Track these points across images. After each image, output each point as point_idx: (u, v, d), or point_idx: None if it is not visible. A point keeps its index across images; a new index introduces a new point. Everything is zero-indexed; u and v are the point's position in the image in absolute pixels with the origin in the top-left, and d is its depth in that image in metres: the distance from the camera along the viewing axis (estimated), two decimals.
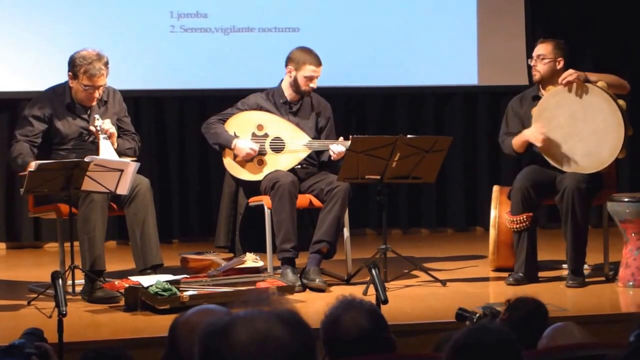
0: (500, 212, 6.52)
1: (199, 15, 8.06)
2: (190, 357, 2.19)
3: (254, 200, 6.35)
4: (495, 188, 6.71)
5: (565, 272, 6.34)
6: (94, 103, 6.09)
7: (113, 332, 5.24)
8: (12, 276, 6.76)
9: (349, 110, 8.41)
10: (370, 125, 8.40)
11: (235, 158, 6.38)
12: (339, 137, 6.41)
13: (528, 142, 6.29)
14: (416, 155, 6.13)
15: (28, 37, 7.79)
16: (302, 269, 6.18)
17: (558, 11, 8.56)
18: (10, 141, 6.23)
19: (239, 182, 6.43)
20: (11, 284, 6.49)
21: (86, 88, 6.00)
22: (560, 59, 6.37)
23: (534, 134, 6.23)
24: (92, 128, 6.04)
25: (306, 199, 6.33)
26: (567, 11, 8.58)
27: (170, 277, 5.61)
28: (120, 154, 6.02)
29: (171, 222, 8.17)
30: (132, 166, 5.76)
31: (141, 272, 5.86)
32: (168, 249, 7.13)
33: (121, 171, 5.70)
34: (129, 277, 5.67)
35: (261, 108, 6.47)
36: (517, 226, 6.20)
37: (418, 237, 8.46)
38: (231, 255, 6.45)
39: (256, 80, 7.52)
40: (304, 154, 6.41)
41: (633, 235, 6.09)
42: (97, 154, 5.88)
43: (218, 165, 6.72)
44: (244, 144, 6.33)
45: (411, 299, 5.84)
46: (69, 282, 5.78)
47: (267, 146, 6.39)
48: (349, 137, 6.15)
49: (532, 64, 6.41)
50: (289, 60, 6.43)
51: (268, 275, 5.95)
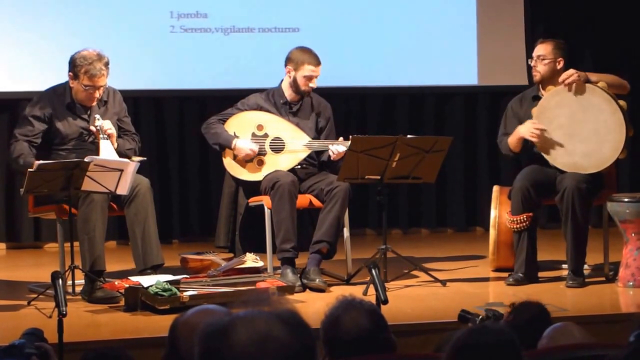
0: (500, 212, 6.51)
1: (199, 15, 8.06)
2: (190, 358, 2.18)
3: (254, 200, 6.35)
4: (495, 188, 6.71)
5: (565, 272, 6.34)
6: (94, 103, 6.10)
7: (113, 332, 5.23)
8: (12, 276, 6.76)
9: (349, 110, 8.41)
10: (370, 125, 8.39)
11: (235, 158, 6.38)
12: (339, 137, 6.41)
13: (524, 140, 6.28)
14: (416, 155, 6.13)
15: (28, 37, 7.79)
16: (302, 269, 6.17)
17: (558, 11, 8.56)
18: (9, 141, 6.22)
19: (239, 182, 6.43)
20: (11, 284, 6.48)
21: (87, 88, 6.00)
22: (560, 59, 6.37)
23: (528, 130, 6.22)
24: (93, 128, 6.04)
25: (306, 199, 6.33)
26: (567, 11, 8.57)
27: (170, 277, 5.60)
28: (120, 155, 6.02)
29: (171, 222, 8.17)
30: (132, 166, 5.76)
31: (141, 272, 5.85)
32: (168, 249, 7.12)
33: (121, 171, 5.69)
34: (129, 277, 5.67)
35: (261, 108, 6.47)
36: (517, 226, 6.20)
37: (418, 237, 8.46)
38: (231, 255, 6.45)
39: (256, 80, 7.52)
40: (304, 154, 6.41)
41: (633, 235, 6.09)
42: (97, 154, 5.88)
43: (218, 165, 6.72)
44: (244, 144, 6.33)
45: (411, 299, 5.84)
46: (69, 282, 5.78)
47: (267, 146, 6.38)
48: (349, 137, 6.15)
49: (532, 65, 6.41)
50: (288, 60, 6.43)
51: (268, 275, 5.95)
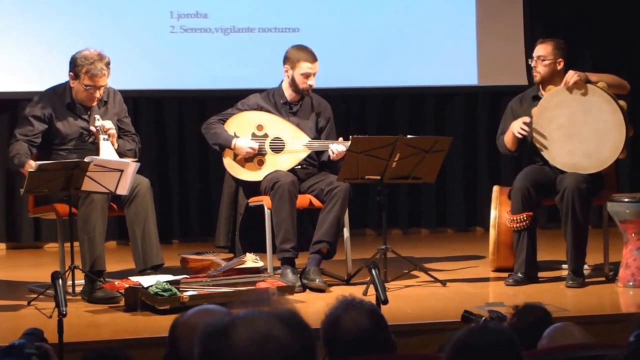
0: (500, 213, 6.51)
1: (199, 15, 8.06)
2: (190, 358, 2.18)
3: (254, 200, 6.35)
4: (495, 188, 6.71)
5: (565, 272, 6.34)
6: (95, 103, 6.10)
7: (113, 333, 5.23)
8: (12, 276, 6.76)
9: (349, 110, 8.41)
10: (370, 125, 8.39)
11: (235, 158, 6.38)
12: (339, 137, 6.41)
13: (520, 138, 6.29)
14: (416, 155, 6.13)
15: (28, 38, 7.78)
16: (302, 269, 6.17)
17: (557, 11, 8.56)
18: (10, 141, 6.22)
19: (239, 182, 6.43)
20: (11, 284, 6.48)
21: (87, 88, 6.00)
22: (560, 60, 6.36)
23: (516, 125, 6.22)
24: (93, 128, 6.04)
25: (306, 199, 6.33)
26: (566, 11, 8.57)
27: (170, 278, 5.60)
28: (120, 155, 6.02)
29: (171, 222, 8.17)
30: (132, 166, 5.75)
31: (141, 273, 5.85)
32: (168, 249, 7.13)
33: (121, 171, 5.69)
34: (129, 278, 5.67)
35: (261, 108, 6.47)
36: (517, 225, 6.20)
37: (418, 237, 8.46)
38: (231, 255, 6.45)
39: (256, 80, 7.52)
40: (304, 154, 6.41)
41: (633, 235, 6.09)
42: (98, 155, 5.87)
43: (218, 165, 6.72)
44: (243, 143, 6.33)
45: (411, 299, 5.84)
46: (69, 283, 5.77)
47: (267, 146, 6.38)
48: (349, 137, 6.14)
49: (533, 65, 6.40)
50: (285, 60, 6.43)
51: (268, 275, 5.95)
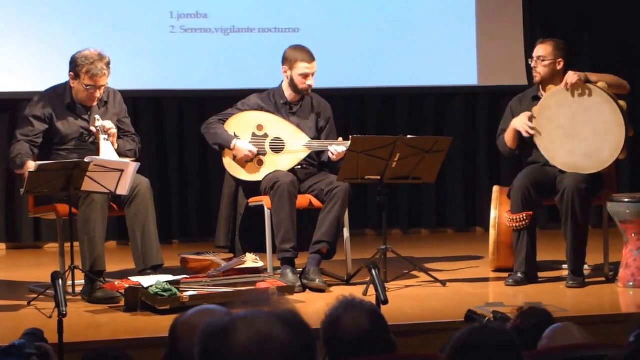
0: (500, 213, 6.51)
1: (199, 15, 8.06)
2: (190, 358, 2.18)
3: (254, 200, 6.35)
4: (495, 188, 6.71)
5: (565, 273, 6.34)
6: (95, 103, 6.10)
7: (113, 333, 5.23)
8: (12, 276, 6.76)
9: (349, 110, 8.41)
10: (370, 125, 8.39)
11: (235, 158, 6.38)
12: (339, 138, 6.41)
13: (518, 134, 6.28)
14: (416, 155, 6.13)
15: (28, 38, 7.78)
16: (302, 269, 6.17)
17: (557, 11, 8.56)
18: (10, 141, 6.22)
19: (239, 183, 6.43)
20: (11, 284, 6.48)
21: (88, 88, 6.00)
22: (560, 60, 6.36)
23: (521, 122, 6.22)
24: (93, 128, 6.04)
25: (306, 199, 6.33)
26: (566, 11, 8.57)
27: (170, 278, 5.60)
28: (121, 155, 6.02)
29: (171, 222, 8.16)
30: (132, 166, 5.76)
31: (141, 273, 5.85)
32: (168, 250, 7.12)
33: (121, 171, 5.69)
34: (129, 278, 5.67)
35: (261, 108, 6.46)
36: (517, 225, 6.20)
37: (418, 238, 8.45)
38: (231, 255, 6.45)
39: (256, 80, 7.52)
40: (304, 154, 6.41)
41: (633, 235, 6.09)
42: (98, 155, 5.87)
43: (218, 165, 6.72)
44: (243, 146, 6.33)
45: (411, 300, 5.84)
46: (69, 283, 5.77)
47: (267, 146, 6.38)
48: (349, 138, 6.14)
49: (533, 65, 6.40)
50: (283, 60, 6.43)
51: (268, 275, 5.95)
